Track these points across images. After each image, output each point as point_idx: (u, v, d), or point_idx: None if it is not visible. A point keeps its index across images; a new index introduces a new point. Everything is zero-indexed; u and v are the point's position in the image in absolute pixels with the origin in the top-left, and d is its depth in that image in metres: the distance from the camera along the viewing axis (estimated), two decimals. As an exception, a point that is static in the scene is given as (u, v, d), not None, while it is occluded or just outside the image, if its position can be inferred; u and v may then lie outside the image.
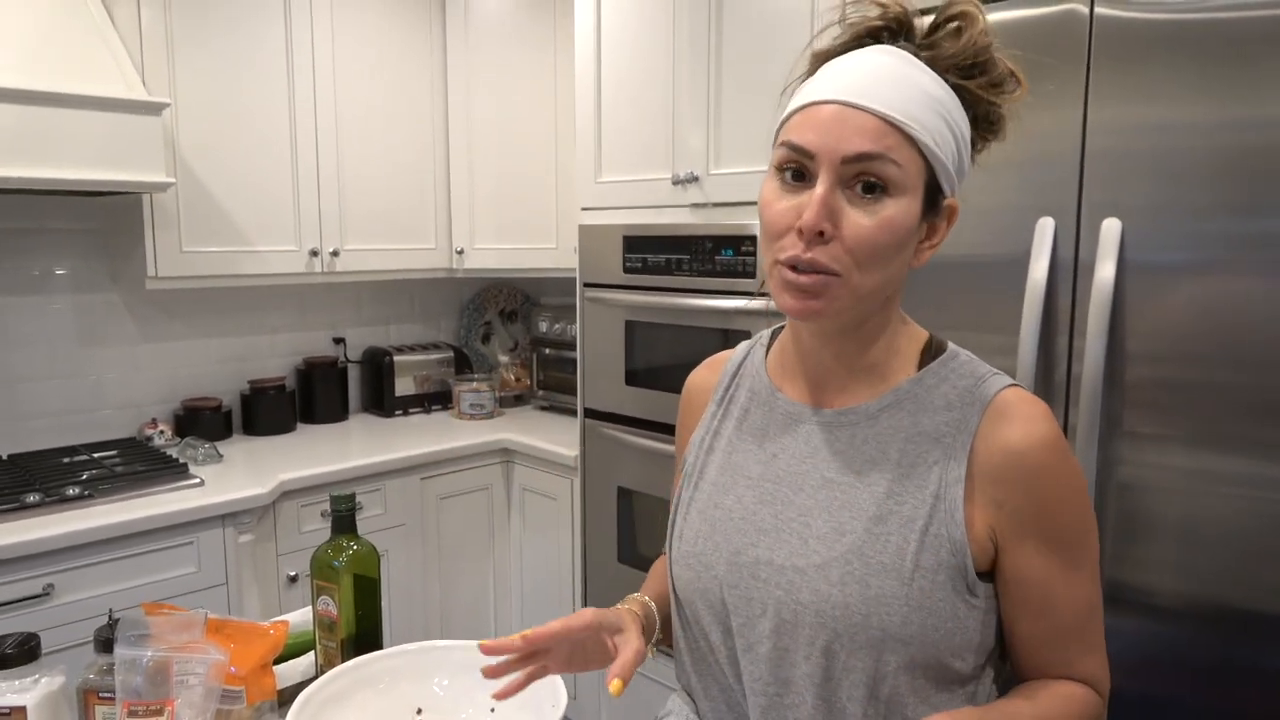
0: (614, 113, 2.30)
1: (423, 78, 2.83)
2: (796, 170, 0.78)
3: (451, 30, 2.85)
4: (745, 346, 1.00)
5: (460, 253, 2.93)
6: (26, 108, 1.88)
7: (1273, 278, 1.20)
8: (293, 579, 2.30)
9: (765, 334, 0.99)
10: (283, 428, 2.77)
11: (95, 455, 2.33)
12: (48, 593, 1.86)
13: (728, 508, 0.89)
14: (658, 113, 2.19)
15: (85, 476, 2.11)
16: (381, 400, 3.01)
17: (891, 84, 0.76)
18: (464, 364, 3.20)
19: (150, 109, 2.05)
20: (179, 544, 2.04)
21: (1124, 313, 1.34)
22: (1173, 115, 1.28)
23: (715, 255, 2.04)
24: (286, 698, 1.11)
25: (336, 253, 2.66)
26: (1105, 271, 1.33)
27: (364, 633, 1.16)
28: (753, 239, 1.96)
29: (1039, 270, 1.40)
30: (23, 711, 0.95)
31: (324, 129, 2.61)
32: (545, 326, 3.06)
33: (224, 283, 2.46)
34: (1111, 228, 1.33)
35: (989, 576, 0.82)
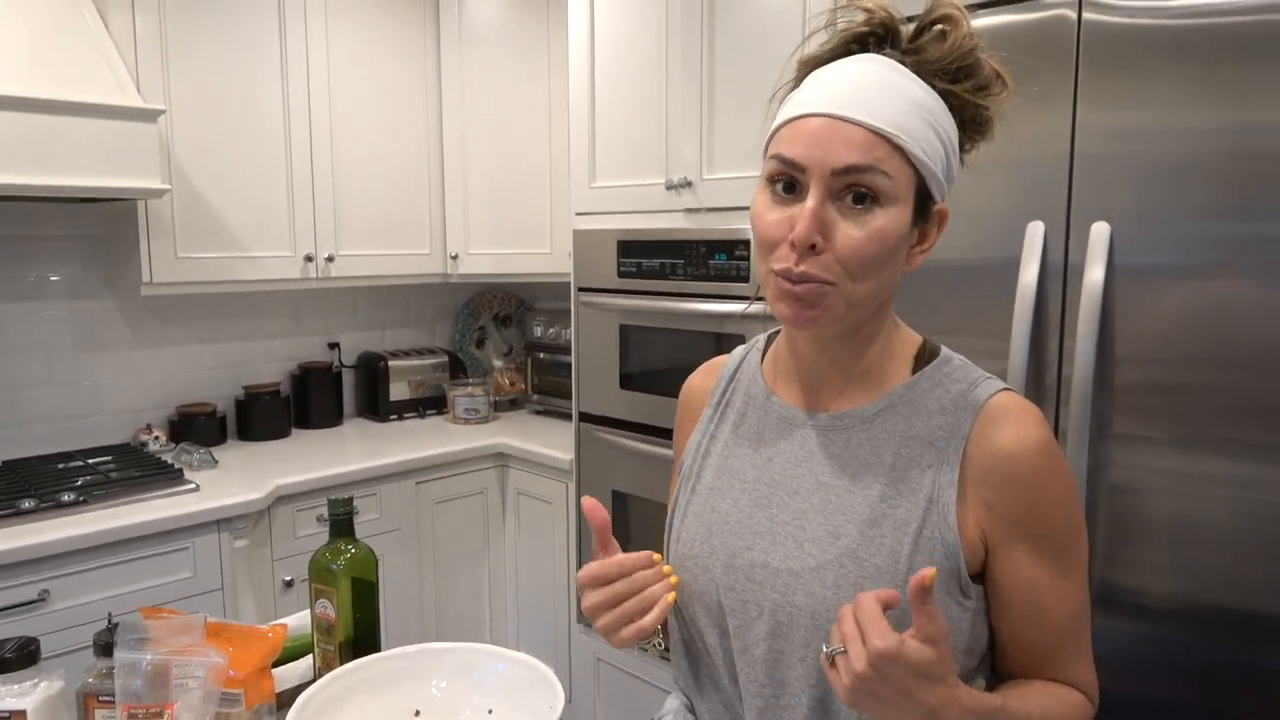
0: (607, 118, 2.31)
1: (417, 84, 2.84)
2: (788, 183, 0.79)
3: (445, 37, 2.86)
4: (741, 351, 1.01)
5: (455, 258, 2.94)
6: (21, 115, 1.88)
7: (1261, 280, 1.22)
8: (288, 584, 2.30)
9: (761, 338, 1.00)
10: (278, 433, 2.77)
11: (90, 461, 2.32)
12: (43, 599, 1.86)
13: (724, 511, 0.90)
14: (651, 118, 2.20)
15: (80, 482, 2.11)
16: (376, 405, 3.02)
17: (879, 94, 0.77)
18: (459, 369, 3.20)
19: (145, 116, 2.06)
20: (174, 549, 2.04)
21: (1114, 316, 1.35)
22: (1161, 119, 1.30)
23: (709, 260, 2.05)
24: (285, 700, 1.11)
25: (331, 258, 2.67)
26: (1095, 275, 1.34)
27: (362, 635, 1.17)
28: (746, 243, 1.97)
29: (1029, 274, 1.41)
30: (23, 715, 0.95)
31: (319, 135, 2.61)
32: (540, 331, 3.06)
33: (219, 289, 2.46)
34: (1101, 231, 1.35)
35: (981, 578, 0.83)
